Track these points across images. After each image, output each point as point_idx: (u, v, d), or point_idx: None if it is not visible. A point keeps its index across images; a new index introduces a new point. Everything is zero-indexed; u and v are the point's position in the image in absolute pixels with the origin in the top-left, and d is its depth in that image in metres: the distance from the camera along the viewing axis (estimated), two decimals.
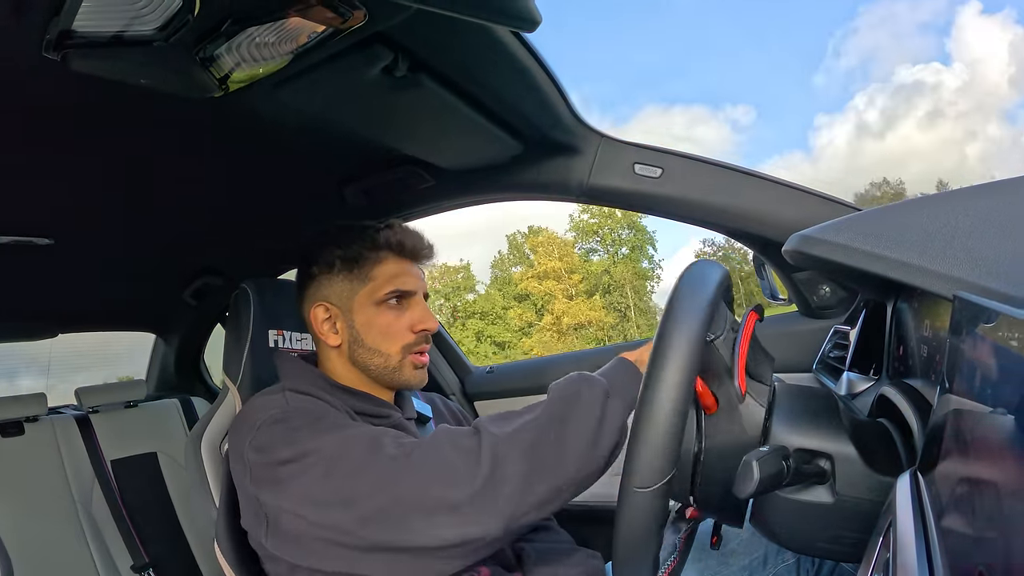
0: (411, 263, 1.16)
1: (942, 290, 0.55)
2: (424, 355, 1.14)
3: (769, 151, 71.14)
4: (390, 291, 1.11)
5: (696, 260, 0.79)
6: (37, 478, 2.03)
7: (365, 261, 1.13)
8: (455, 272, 47.57)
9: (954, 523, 0.41)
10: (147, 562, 2.08)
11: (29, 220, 1.39)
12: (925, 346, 0.69)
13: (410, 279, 1.14)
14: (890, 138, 59.01)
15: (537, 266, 45.18)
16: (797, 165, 67.35)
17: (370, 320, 1.12)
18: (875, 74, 67.74)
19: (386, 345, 1.12)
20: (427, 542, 0.85)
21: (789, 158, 69.14)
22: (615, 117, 75.69)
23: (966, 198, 0.65)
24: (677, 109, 74.20)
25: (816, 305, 1.43)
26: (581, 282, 45.34)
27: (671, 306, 0.67)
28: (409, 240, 1.15)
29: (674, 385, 0.62)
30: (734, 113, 73.45)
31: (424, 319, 1.13)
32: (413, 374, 1.14)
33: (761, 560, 1.15)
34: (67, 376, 2.79)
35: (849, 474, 0.70)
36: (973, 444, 0.42)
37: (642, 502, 0.63)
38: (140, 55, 0.81)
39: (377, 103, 1.11)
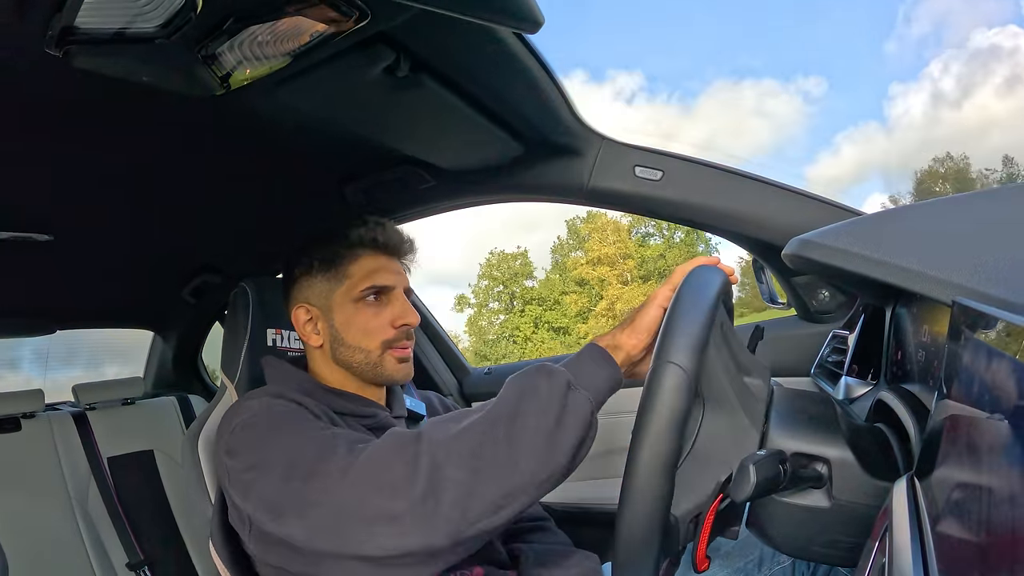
0: (389, 259, 1.15)
1: (941, 295, 0.55)
2: (406, 349, 1.13)
3: (843, 122, 69.68)
4: (366, 287, 1.11)
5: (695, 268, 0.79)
6: (33, 474, 2.03)
7: (341, 260, 1.13)
8: (512, 259, 47.70)
9: (950, 529, 0.41)
10: (142, 559, 2.08)
11: (29, 216, 1.39)
12: (923, 351, 0.69)
13: (387, 275, 1.13)
14: (967, 107, 55.83)
15: (590, 252, 45.45)
16: (873, 136, 65.70)
17: (349, 318, 1.12)
18: (949, 40, 64.71)
19: (366, 342, 1.11)
20: (371, 552, 0.81)
21: (864, 129, 67.42)
22: (683, 92, 74.94)
23: (966, 204, 0.65)
24: (747, 83, 73.13)
25: (815, 309, 1.43)
26: (636, 268, 45.61)
27: (670, 319, 0.68)
28: (385, 235, 1.14)
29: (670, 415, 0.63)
30: (805, 85, 71.84)
31: (404, 314, 1.12)
32: (396, 368, 1.13)
33: (756, 563, 1.16)
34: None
35: (846, 479, 0.70)
36: (970, 450, 0.42)
37: (643, 506, 0.63)
38: (142, 52, 0.81)
39: (378, 103, 1.11)
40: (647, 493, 0.63)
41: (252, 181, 1.45)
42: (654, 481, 0.63)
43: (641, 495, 0.63)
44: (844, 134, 67.66)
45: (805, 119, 69.02)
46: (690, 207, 1.34)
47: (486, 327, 47.62)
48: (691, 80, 77.55)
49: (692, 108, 72.38)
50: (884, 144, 63.03)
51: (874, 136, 65.16)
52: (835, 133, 68.68)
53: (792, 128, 68.93)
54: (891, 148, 61.13)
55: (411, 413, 1.22)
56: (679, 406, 0.63)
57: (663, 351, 0.65)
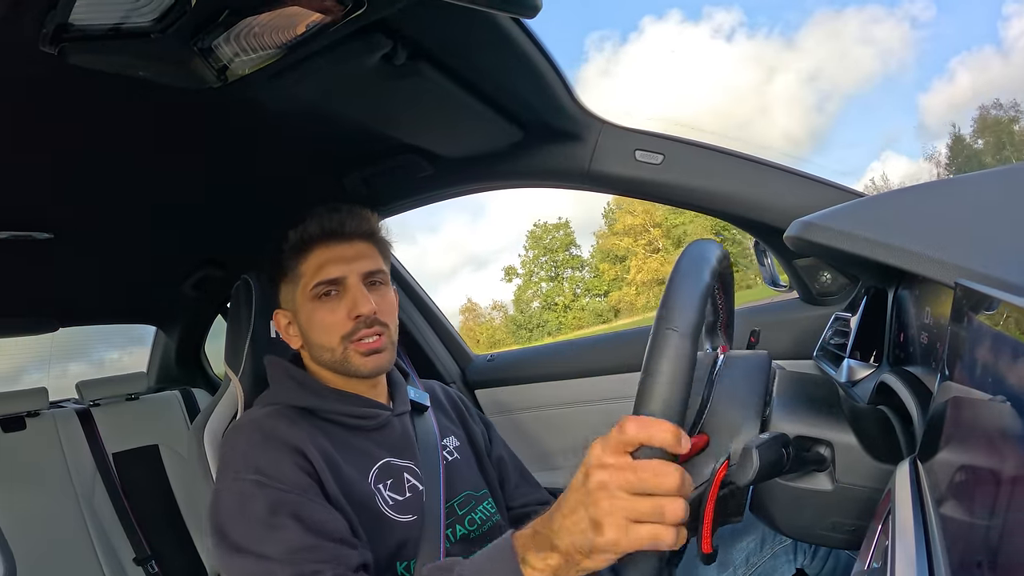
0: (340, 245, 1.11)
1: (943, 277, 0.55)
2: (369, 340, 1.09)
3: (956, 47, 67.82)
4: (315, 285, 1.09)
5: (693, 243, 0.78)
6: (39, 472, 2.04)
7: (292, 261, 1.12)
8: (555, 229, 50.44)
9: (953, 511, 0.41)
10: (149, 554, 2.09)
11: (28, 215, 1.38)
12: (926, 333, 0.69)
13: (334, 267, 1.10)
14: None
15: (617, 223, 46.73)
16: (988, 61, 63.82)
17: (309, 318, 1.11)
18: None
19: (326, 339, 1.09)
20: None
21: (978, 54, 65.66)
22: (784, 25, 73.55)
23: (968, 185, 0.65)
24: (850, 11, 71.32)
25: (817, 292, 1.43)
26: (664, 236, 46.65)
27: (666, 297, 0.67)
28: (325, 223, 1.11)
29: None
30: (912, 9, 69.75)
31: (355, 305, 1.08)
32: (363, 362, 1.09)
33: (758, 543, 1.16)
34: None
35: (849, 461, 0.71)
36: (973, 432, 0.42)
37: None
38: (137, 47, 0.81)
39: (376, 92, 1.11)
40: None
41: (251, 173, 1.45)
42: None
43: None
44: (957, 59, 65.43)
45: (914, 45, 67.04)
46: (691, 191, 1.34)
47: (531, 296, 48.76)
48: (791, 11, 75.65)
49: (794, 41, 71.03)
50: (1001, 68, 61.14)
51: (989, 60, 63.23)
52: (947, 59, 66.46)
53: (901, 55, 67.14)
54: (1008, 72, 59.35)
55: (415, 405, 1.23)
56: (682, 371, 0.62)
57: (663, 318, 0.65)
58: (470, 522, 1.12)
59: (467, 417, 1.33)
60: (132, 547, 2.08)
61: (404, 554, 1.02)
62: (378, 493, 1.04)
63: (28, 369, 2.65)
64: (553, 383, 1.87)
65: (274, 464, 0.96)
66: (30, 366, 2.65)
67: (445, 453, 1.19)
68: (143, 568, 2.06)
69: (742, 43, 70.57)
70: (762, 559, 1.16)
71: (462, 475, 1.18)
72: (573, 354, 1.89)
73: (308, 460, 0.98)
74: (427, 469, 1.12)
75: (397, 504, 1.05)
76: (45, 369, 2.66)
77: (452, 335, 2.10)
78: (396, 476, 1.08)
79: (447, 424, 1.27)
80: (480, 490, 1.19)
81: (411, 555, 1.02)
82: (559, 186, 1.53)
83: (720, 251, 0.76)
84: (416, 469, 1.11)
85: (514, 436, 1.86)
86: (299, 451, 0.98)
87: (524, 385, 1.92)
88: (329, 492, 0.97)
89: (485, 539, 1.12)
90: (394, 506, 1.04)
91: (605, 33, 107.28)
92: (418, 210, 1.82)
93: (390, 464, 1.09)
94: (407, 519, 1.04)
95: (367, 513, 1.01)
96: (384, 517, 1.02)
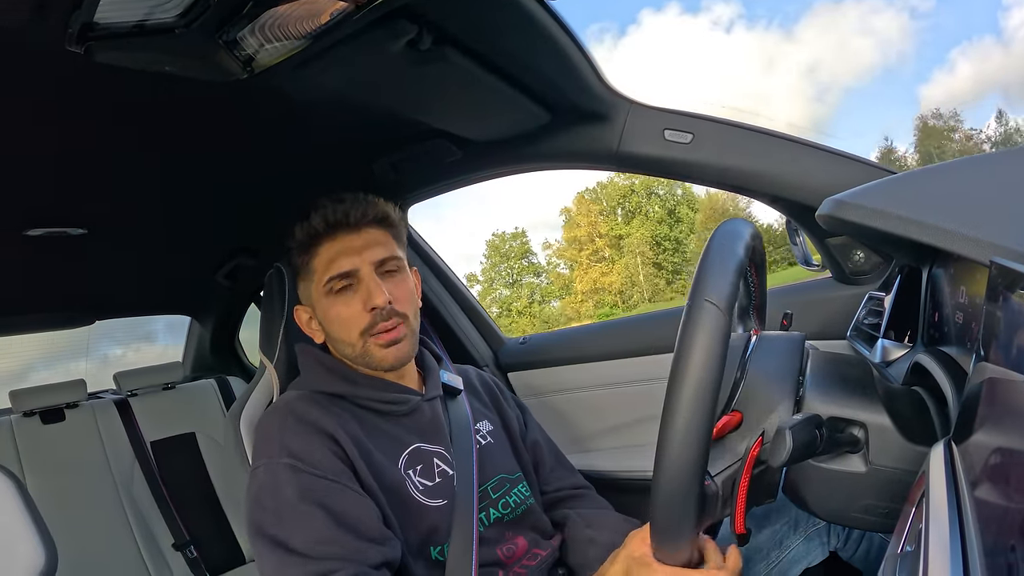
0: (349, 236, 1.10)
1: (978, 256, 0.54)
2: (387, 333, 1.09)
3: (956, 37, 66.93)
4: (327, 280, 1.09)
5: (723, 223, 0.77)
6: (79, 462, 2.10)
7: (304, 257, 1.12)
8: (513, 239, 54.96)
9: (988, 494, 0.41)
10: (188, 539, 2.15)
11: (62, 211, 1.42)
12: (961, 313, 0.68)
13: (344, 259, 1.09)
14: None
15: (564, 234, 49.78)
16: (988, 51, 63.11)
17: (326, 313, 1.11)
18: None
19: (346, 334, 1.10)
20: None
21: (978, 44, 64.87)
22: (783, 17, 73.23)
23: (1003, 162, 0.63)
24: (849, 2, 70.61)
25: (850, 271, 1.40)
26: (608, 245, 48.89)
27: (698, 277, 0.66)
28: (329, 215, 1.10)
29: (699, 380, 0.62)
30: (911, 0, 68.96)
31: (370, 296, 1.07)
32: (383, 355, 1.09)
33: (791, 525, 1.16)
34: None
35: (882, 443, 0.70)
36: (1009, 413, 0.42)
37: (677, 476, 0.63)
38: (163, 43, 0.82)
39: (402, 78, 1.11)
40: (687, 433, 0.61)
41: (281, 162, 1.46)
42: (694, 419, 0.61)
43: (681, 432, 0.62)
44: (958, 49, 64.44)
45: (914, 36, 66.07)
46: (721, 169, 1.32)
47: (490, 303, 52.13)
48: (791, 3, 74.81)
49: (793, 32, 70.19)
50: (1001, 59, 59.99)
51: (990, 50, 62.07)
52: (947, 50, 65.42)
53: (900, 46, 66.36)
54: (1009, 63, 58.30)
55: (447, 388, 1.23)
56: (717, 343, 0.62)
57: (697, 291, 0.64)
58: (504, 505, 1.13)
59: (501, 401, 1.34)
60: (171, 533, 2.14)
61: (436, 539, 1.03)
62: (408, 478, 1.05)
63: (36, 367, 2.72)
64: (586, 365, 1.86)
65: (307, 448, 0.97)
66: (38, 363, 2.73)
67: (478, 437, 1.19)
68: (182, 553, 2.11)
69: (741, 35, 69.51)
70: (795, 542, 1.15)
71: (495, 459, 1.19)
72: (606, 336, 1.88)
73: (340, 446, 0.99)
74: (460, 453, 1.13)
75: (427, 489, 1.06)
76: (52, 367, 2.74)
77: (484, 318, 2.10)
78: (426, 461, 1.09)
79: (480, 408, 1.27)
80: (515, 473, 1.20)
81: (443, 540, 1.03)
82: (588, 167, 1.51)
83: (752, 229, 0.75)
84: (446, 454, 1.11)
85: (547, 419, 1.86)
86: (331, 436, 1.00)
87: (557, 367, 1.92)
88: (362, 477, 0.99)
89: (519, 522, 1.13)
90: (424, 491, 1.05)
91: (604, 25, 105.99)
92: None
93: (420, 449, 1.10)
94: (438, 504, 1.05)
95: (397, 498, 1.02)
96: (414, 502, 1.03)
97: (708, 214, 53.04)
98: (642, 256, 53.76)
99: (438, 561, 1.02)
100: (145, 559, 2.03)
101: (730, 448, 0.76)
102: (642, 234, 51.31)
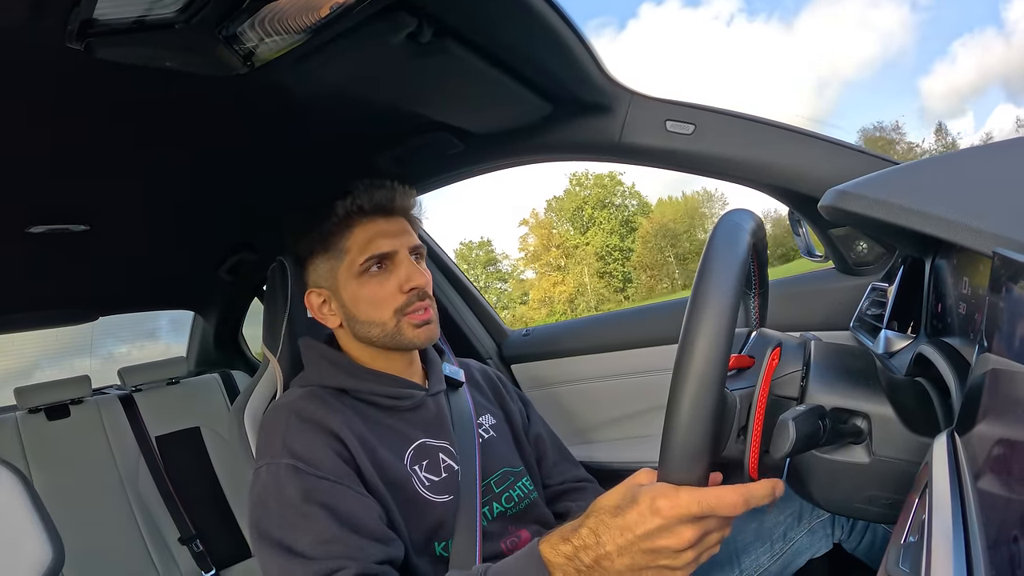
0: (385, 220, 1.12)
1: (981, 246, 0.53)
2: (422, 312, 1.11)
3: (958, 29, 67.01)
4: (365, 259, 1.09)
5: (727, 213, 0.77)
6: (85, 458, 2.10)
7: (335, 236, 1.12)
8: (479, 247, 59.72)
9: (991, 485, 0.41)
10: (194, 533, 2.15)
11: (63, 208, 1.42)
12: (964, 303, 0.68)
13: (384, 240, 1.10)
14: None
15: (519, 245, 54.20)
16: (990, 43, 63.21)
17: (356, 293, 1.11)
18: None
19: (378, 314, 1.10)
20: None
21: (980, 36, 64.92)
22: (783, 11, 73.33)
23: (1007, 152, 0.63)
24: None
25: (853, 262, 1.40)
26: (561, 255, 51.83)
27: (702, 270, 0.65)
28: (372, 198, 1.11)
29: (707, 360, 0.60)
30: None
31: (410, 277, 1.10)
32: (415, 334, 1.10)
33: (796, 517, 1.16)
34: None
35: (886, 434, 0.70)
36: (1012, 404, 0.42)
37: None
38: (163, 38, 0.82)
39: (403, 71, 1.11)
40: (712, 325, 0.60)
41: (282, 156, 1.46)
42: (716, 321, 0.60)
43: (704, 329, 0.60)
44: (959, 42, 64.49)
45: (914, 29, 66.08)
46: (723, 160, 1.32)
47: None
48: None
49: (793, 26, 70.15)
50: (1003, 51, 60.00)
51: (991, 43, 62.11)
52: (948, 42, 65.47)
53: (901, 39, 66.54)
54: (1010, 55, 58.28)
55: (449, 381, 1.23)
56: (740, 250, 0.63)
57: (703, 278, 0.64)
58: (507, 499, 1.13)
59: (504, 395, 1.34)
60: (177, 527, 2.14)
61: (441, 535, 1.03)
62: (414, 475, 1.05)
63: (42, 364, 2.73)
64: (590, 356, 1.86)
65: (310, 449, 0.97)
66: (44, 361, 2.73)
67: (481, 431, 1.19)
68: (188, 547, 2.12)
69: (742, 27, 69.61)
70: (799, 533, 1.15)
71: (498, 452, 1.19)
72: (610, 327, 1.88)
73: (344, 445, 0.99)
74: (463, 447, 1.13)
75: (433, 485, 1.06)
76: (57, 364, 2.75)
77: (487, 311, 2.10)
78: (431, 456, 1.09)
79: (482, 402, 1.28)
80: (518, 467, 1.20)
81: (448, 535, 1.03)
82: (590, 159, 1.51)
83: (756, 219, 0.75)
84: (451, 448, 1.12)
85: (551, 410, 1.86)
86: (335, 435, 0.99)
87: (561, 359, 1.92)
88: (366, 477, 0.98)
89: (522, 516, 1.13)
90: (430, 487, 1.05)
91: (604, 20, 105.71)
92: None
93: (425, 444, 1.10)
94: (443, 499, 1.05)
95: (403, 495, 1.02)
96: (420, 498, 1.03)
97: (656, 225, 56.09)
98: (588, 266, 57.52)
99: (442, 556, 1.02)
100: (151, 554, 2.04)
101: (746, 376, 0.77)
102: (593, 245, 54.03)
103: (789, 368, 0.75)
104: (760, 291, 0.97)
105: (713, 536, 0.66)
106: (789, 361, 0.76)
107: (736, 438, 0.74)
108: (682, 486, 0.63)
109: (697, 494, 0.62)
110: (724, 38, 72.83)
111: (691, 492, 0.62)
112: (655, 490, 0.64)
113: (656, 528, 0.63)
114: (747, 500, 0.63)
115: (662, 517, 0.63)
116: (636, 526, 0.65)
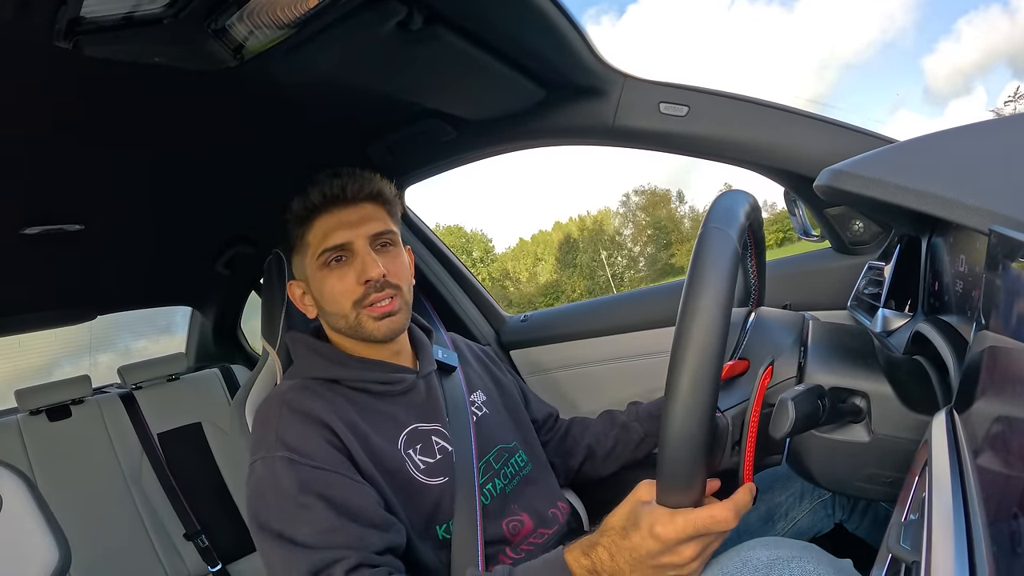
0: (342, 210, 1.11)
1: (977, 224, 0.53)
2: (380, 305, 1.09)
3: (964, 6, 67.70)
4: (321, 252, 1.09)
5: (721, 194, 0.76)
6: (87, 457, 2.11)
7: (301, 229, 1.13)
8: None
9: (990, 462, 0.41)
10: (199, 529, 2.16)
11: (58, 208, 1.41)
12: (961, 281, 0.68)
13: (338, 233, 1.09)
14: None
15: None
16: (995, 22, 63.94)
17: (320, 286, 1.11)
18: None
19: (338, 306, 1.10)
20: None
21: (985, 13, 65.50)
22: None
23: (1002, 129, 0.63)
24: None
25: (849, 241, 1.40)
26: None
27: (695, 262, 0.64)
28: (326, 190, 1.10)
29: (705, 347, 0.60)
30: None
31: (364, 269, 1.08)
32: (375, 327, 1.09)
33: (797, 497, 1.17)
34: None
35: (885, 412, 0.70)
36: (1009, 381, 0.42)
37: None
38: (151, 34, 0.81)
39: (394, 59, 1.10)
40: (700, 353, 0.59)
41: (276, 149, 1.45)
42: (707, 342, 0.59)
43: (694, 354, 0.59)
44: (964, 19, 65.09)
45: (917, 8, 66.39)
46: (718, 141, 1.31)
47: None
48: None
49: (793, 6, 70.10)
50: (1008, 29, 60.43)
51: (996, 21, 62.53)
52: (953, 21, 66.09)
53: (904, 18, 66.96)
54: (1015, 33, 58.61)
55: (441, 365, 1.24)
56: (728, 265, 0.61)
57: (708, 220, 0.65)
58: (504, 476, 1.15)
59: (492, 368, 1.36)
60: (182, 523, 2.15)
61: (440, 516, 1.04)
62: (408, 459, 1.05)
63: (61, 362, 2.73)
64: (588, 340, 1.87)
65: (303, 440, 0.97)
66: (64, 359, 2.73)
67: (474, 409, 1.20)
68: (193, 543, 2.13)
69: (743, 10, 69.91)
70: (801, 513, 1.16)
71: (492, 430, 1.20)
72: (608, 310, 1.88)
73: (336, 435, 0.99)
74: (457, 428, 1.13)
75: (428, 467, 1.06)
76: (75, 363, 2.75)
77: (484, 296, 2.10)
78: (425, 440, 1.09)
79: (472, 377, 1.29)
80: (511, 442, 1.21)
81: (447, 516, 1.04)
82: (585, 143, 1.51)
83: (752, 200, 0.75)
84: (444, 430, 1.12)
85: (551, 395, 1.87)
86: (327, 425, 1.00)
87: (559, 344, 1.93)
88: (360, 464, 0.99)
89: (520, 493, 1.14)
90: (425, 470, 1.06)
91: (602, 7, 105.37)
92: None
93: (418, 428, 1.10)
94: (438, 481, 1.06)
95: (399, 480, 1.02)
96: (416, 482, 1.04)
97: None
98: None
99: (445, 540, 1.03)
100: (157, 550, 2.05)
101: (739, 388, 0.77)
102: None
103: (782, 377, 0.77)
104: (758, 272, 0.97)
105: (713, 544, 0.73)
106: (782, 371, 0.77)
107: (731, 451, 0.75)
108: (678, 510, 0.69)
109: (692, 517, 0.68)
110: (725, 21, 72.97)
111: (686, 516, 0.68)
112: (653, 516, 0.70)
113: (658, 551, 0.71)
114: (737, 512, 0.69)
115: (662, 542, 0.70)
116: (640, 548, 0.72)
